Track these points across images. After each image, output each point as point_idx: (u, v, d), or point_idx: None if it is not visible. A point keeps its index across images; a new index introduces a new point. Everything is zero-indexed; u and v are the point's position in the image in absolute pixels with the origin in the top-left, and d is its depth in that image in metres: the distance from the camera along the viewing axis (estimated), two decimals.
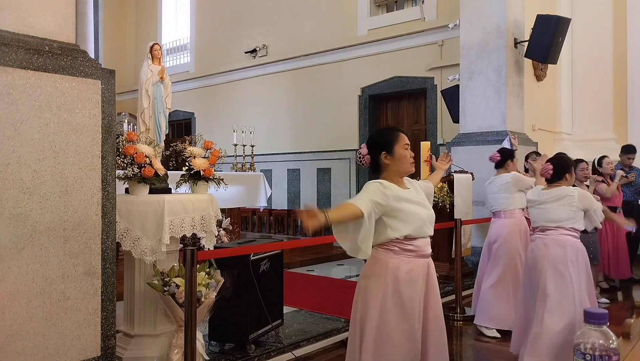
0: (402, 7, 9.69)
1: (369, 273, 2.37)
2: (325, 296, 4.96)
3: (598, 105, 8.03)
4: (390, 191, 2.24)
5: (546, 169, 3.27)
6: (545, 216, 3.24)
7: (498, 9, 6.63)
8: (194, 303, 2.66)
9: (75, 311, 2.49)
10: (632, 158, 6.19)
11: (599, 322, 1.11)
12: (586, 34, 8.02)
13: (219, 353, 3.30)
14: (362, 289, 2.41)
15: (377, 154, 2.32)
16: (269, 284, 3.52)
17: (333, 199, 10.39)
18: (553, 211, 3.20)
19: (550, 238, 3.19)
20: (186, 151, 3.35)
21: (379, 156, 2.32)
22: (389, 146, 2.31)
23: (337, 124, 10.26)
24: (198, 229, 3.18)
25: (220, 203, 3.48)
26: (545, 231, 3.24)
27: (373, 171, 2.39)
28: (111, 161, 2.64)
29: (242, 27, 11.76)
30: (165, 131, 3.52)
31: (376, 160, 2.34)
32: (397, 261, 2.27)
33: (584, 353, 1.10)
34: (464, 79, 6.95)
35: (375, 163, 2.35)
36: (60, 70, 2.43)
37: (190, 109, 13.06)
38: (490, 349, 3.91)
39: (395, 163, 2.31)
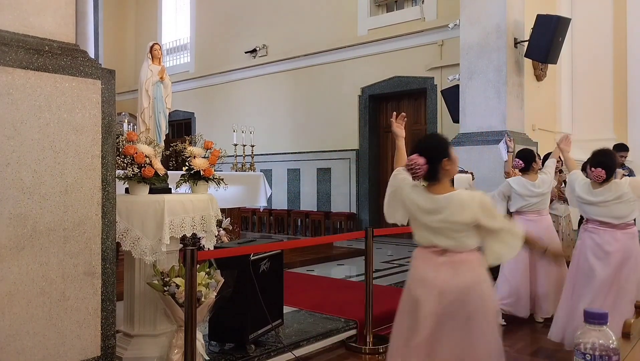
0: (402, 7, 9.70)
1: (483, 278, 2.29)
2: (325, 296, 4.96)
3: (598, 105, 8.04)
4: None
5: (599, 175, 3.30)
6: (608, 213, 3.36)
7: (498, 9, 6.63)
8: (194, 303, 2.66)
9: (75, 311, 2.49)
10: (625, 156, 6.21)
11: (599, 322, 1.11)
12: (586, 34, 8.02)
13: (219, 353, 3.30)
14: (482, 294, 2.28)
15: (439, 162, 2.25)
16: (269, 284, 3.52)
17: (333, 199, 10.39)
18: (616, 209, 3.32)
19: (620, 232, 3.35)
20: (186, 151, 3.35)
21: (440, 163, 2.25)
22: (447, 151, 2.29)
23: (337, 124, 10.26)
24: (198, 229, 3.18)
25: (220, 203, 3.47)
26: (612, 226, 3.37)
27: (429, 179, 2.29)
28: (111, 161, 2.63)
29: (242, 27, 11.76)
30: (165, 131, 3.52)
31: (436, 167, 2.25)
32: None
33: (584, 353, 1.10)
34: (464, 79, 6.95)
35: (434, 171, 2.26)
36: (60, 70, 2.43)
37: (190, 109, 13.07)
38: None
39: (453, 167, 2.30)
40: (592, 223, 3.44)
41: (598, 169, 3.27)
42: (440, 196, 2.26)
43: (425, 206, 2.29)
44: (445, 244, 2.26)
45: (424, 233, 2.34)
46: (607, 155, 3.35)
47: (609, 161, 3.31)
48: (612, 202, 3.30)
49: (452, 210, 2.22)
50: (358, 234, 4.41)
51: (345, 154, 10.17)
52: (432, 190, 2.30)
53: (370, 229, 3.89)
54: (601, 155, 3.37)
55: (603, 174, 3.25)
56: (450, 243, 2.25)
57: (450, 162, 2.28)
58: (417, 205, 2.31)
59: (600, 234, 3.39)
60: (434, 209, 2.26)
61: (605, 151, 3.41)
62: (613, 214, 3.33)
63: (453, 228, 2.23)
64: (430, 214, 2.27)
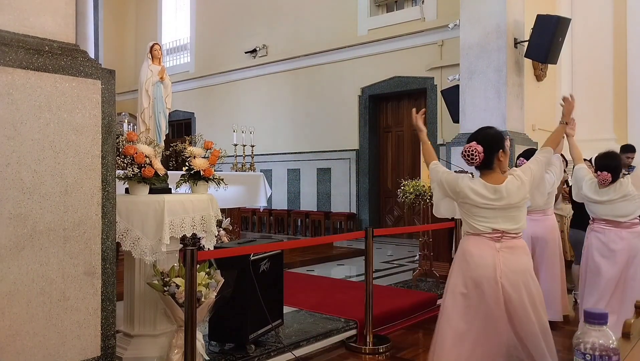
0: (402, 7, 9.70)
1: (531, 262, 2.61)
2: (325, 296, 4.96)
3: (598, 105, 8.03)
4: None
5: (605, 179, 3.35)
6: (613, 212, 3.41)
7: (498, 9, 6.62)
8: (194, 303, 2.66)
9: (75, 311, 2.49)
10: (632, 157, 6.20)
11: (599, 322, 1.11)
12: (586, 34, 8.02)
13: (219, 353, 3.30)
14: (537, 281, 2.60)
15: (495, 152, 2.45)
16: (269, 284, 3.52)
17: (333, 199, 10.39)
18: (621, 207, 3.38)
19: (626, 230, 3.39)
20: (186, 151, 3.35)
21: (496, 153, 2.45)
22: (503, 143, 2.49)
23: (337, 124, 10.26)
24: (198, 229, 3.18)
25: (220, 203, 3.48)
26: (617, 225, 3.42)
27: (482, 168, 2.49)
28: (111, 161, 2.63)
29: (242, 27, 11.76)
30: (165, 131, 3.52)
31: (491, 157, 2.45)
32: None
33: (584, 353, 1.10)
34: (464, 79, 6.95)
35: (489, 160, 2.45)
36: (60, 70, 2.43)
37: (190, 109, 13.07)
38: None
39: (506, 160, 2.49)
40: (598, 223, 3.49)
41: (604, 173, 3.34)
42: (501, 186, 2.45)
43: (488, 195, 2.46)
44: (506, 227, 2.46)
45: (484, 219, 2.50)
46: (612, 158, 3.41)
47: (614, 163, 3.38)
48: (618, 200, 3.36)
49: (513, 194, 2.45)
50: (358, 234, 4.41)
51: (345, 154, 10.17)
52: (489, 180, 2.47)
53: (370, 229, 3.89)
54: (606, 158, 3.44)
55: (609, 177, 3.32)
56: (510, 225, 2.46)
57: (504, 154, 2.47)
58: (481, 195, 2.46)
59: (606, 233, 3.45)
60: (498, 197, 2.44)
61: (610, 153, 3.48)
62: (619, 213, 3.39)
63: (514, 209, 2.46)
64: (496, 201, 2.45)
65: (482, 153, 2.42)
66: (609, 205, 3.41)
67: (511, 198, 2.44)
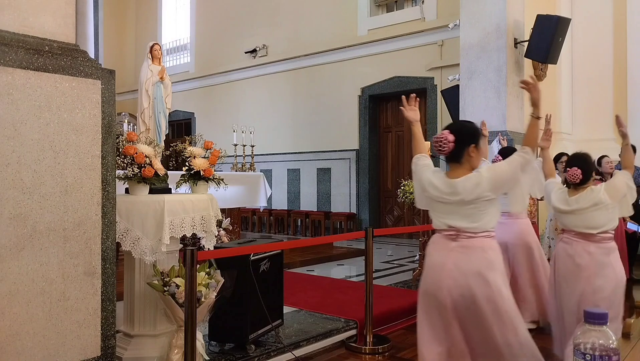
0: (402, 7, 9.70)
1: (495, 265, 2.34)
2: (325, 296, 4.96)
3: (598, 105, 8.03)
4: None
5: (574, 174, 3.08)
6: (582, 222, 3.10)
7: (498, 9, 6.63)
8: (194, 303, 2.66)
9: (75, 311, 2.49)
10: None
11: (599, 322, 1.11)
12: (586, 34, 8.02)
13: (219, 353, 3.30)
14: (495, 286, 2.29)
15: (466, 145, 2.31)
16: (269, 284, 3.52)
17: (333, 199, 10.39)
18: (591, 218, 3.07)
19: (594, 244, 3.07)
20: (186, 151, 3.35)
21: (467, 147, 2.31)
22: (477, 139, 2.34)
23: (337, 124, 10.26)
24: (198, 229, 3.18)
25: (220, 203, 3.48)
26: (586, 237, 3.09)
27: (450, 160, 2.36)
28: (111, 161, 2.64)
29: (242, 27, 11.77)
30: (165, 131, 3.52)
31: (461, 150, 2.31)
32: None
33: (584, 353, 1.10)
34: (464, 79, 6.95)
35: (458, 153, 2.32)
36: (60, 70, 2.43)
37: (190, 109, 13.07)
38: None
39: (477, 158, 2.34)
40: (568, 233, 3.19)
41: (574, 168, 3.08)
42: (459, 180, 2.30)
43: (443, 188, 2.33)
44: (460, 224, 2.30)
45: (440, 215, 2.38)
46: (584, 158, 3.17)
47: (585, 163, 3.12)
48: (588, 210, 3.06)
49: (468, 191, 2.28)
50: (358, 234, 4.41)
51: (345, 154, 10.17)
52: (452, 174, 2.34)
53: (370, 229, 3.89)
54: (577, 158, 3.21)
55: (579, 173, 3.05)
56: (465, 223, 2.30)
57: (476, 150, 2.32)
58: (437, 188, 2.35)
59: (573, 245, 3.13)
60: (453, 192, 2.31)
61: (582, 154, 3.24)
62: (589, 224, 3.07)
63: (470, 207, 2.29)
64: (450, 195, 2.31)
65: (452, 143, 2.29)
66: (579, 215, 3.10)
67: (465, 194, 2.28)
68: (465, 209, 2.29)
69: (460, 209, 2.30)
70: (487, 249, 2.30)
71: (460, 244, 2.29)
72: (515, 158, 2.33)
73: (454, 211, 2.31)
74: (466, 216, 2.29)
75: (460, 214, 2.30)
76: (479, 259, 2.27)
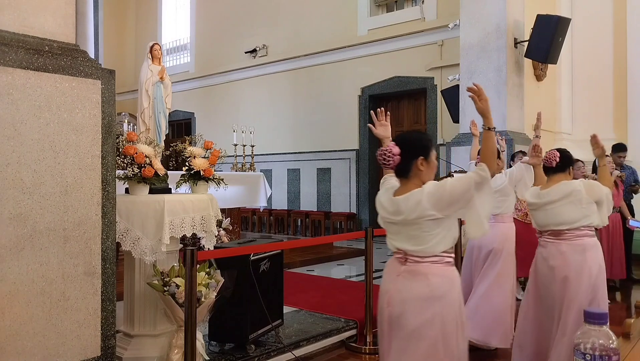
0: (402, 7, 9.70)
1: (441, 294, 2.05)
2: (325, 296, 4.96)
3: (598, 105, 8.03)
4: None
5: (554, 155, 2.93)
6: (554, 218, 2.89)
7: (498, 9, 6.63)
8: (194, 303, 2.66)
9: (75, 311, 2.49)
10: (623, 157, 6.19)
11: (599, 322, 1.11)
12: (586, 34, 8.02)
13: (219, 353, 3.30)
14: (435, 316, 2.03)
15: (413, 158, 2.07)
16: (269, 284, 3.52)
17: (333, 199, 10.39)
18: (562, 211, 2.86)
19: (566, 243, 2.87)
20: (186, 151, 3.35)
21: (415, 160, 2.07)
22: (427, 151, 2.10)
23: (337, 124, 10.26)
24: (198, 229, 3.18)
25: (220, 203, 3.48)
26: (558, 236, 2.90)
27: (398, 174, 2.14)
28: (111, 161, 2.64)
29: (242, 27, 11.77)
30: (165, 131, 3.52)
31: (408, 164, 2.08)
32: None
33: (584, 353, 1.10)
34: (464, 79, 6.95)
35: (405, 167, 2.09)
36: (60, 70, 2.43)
37: (190, 109, 13.07)
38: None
39: (428, 172, 2.11)
40: (544, 236, 3.00)
41: (553, 150, 2.96)
42: (401, 197, 2.07)
43: (388, 207, 2.13)
44: (405, 247, 2.09)
45: (389, 236, 2.17)
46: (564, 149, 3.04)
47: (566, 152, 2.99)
48: (559, 202, 2.86)
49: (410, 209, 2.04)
50: (358, 234, 4.41)
51: (345, 154, 10.17)
52: (400, 190, 2.12)
53: (370, 229, 3.89)
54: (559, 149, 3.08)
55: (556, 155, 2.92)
56: (410, 245, 2.07)
57: (426, 163, 2.09)
58: (384, 207, 2.16)
59: (548, 247, 2.93)
60: (396, 211, 2.09)
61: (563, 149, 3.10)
62: (559, 219, 2.87)
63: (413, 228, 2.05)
64: (393, 215, 2.10)
65: (398, 156, 2.05)
66: (550, 210, 2.90)
67: (407, 213, 2.03)
68: (409, 230, 2.06)
69: (405, 230, 2.08)
70: (431, 276, 2.04)
71: (407, 268, 2.08)
72: (469, 175, 2.08)
73: (399, 231, 2.10)
74: (411, 238, 2.07)
75: (405, 235, 2.08)
76: (422, 288, 2.03)
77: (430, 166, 2.11)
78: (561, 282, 2.84)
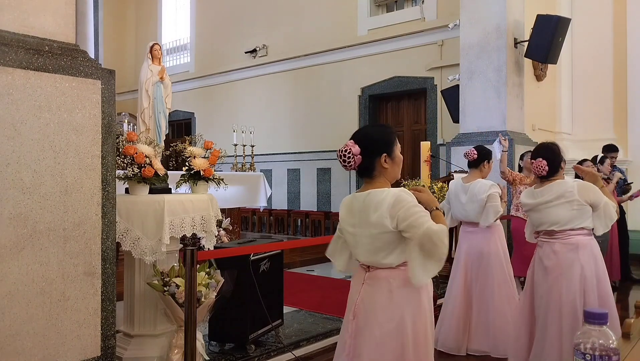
0: (402, 7, 9.69)
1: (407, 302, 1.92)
2: (325, 296, 4.96)
3: (598, 105, 8.04)
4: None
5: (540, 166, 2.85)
6: (547, 218, 2.87)
7: (498, 9, 6.63)
8: (194, 303, 2.66)
9: (75, 311, 2.49)
10: (615, 157, 6.20)
11: (599, 322, 1.11)
12: (586, 34, 8.02)
13: (219, 353, 3.30)
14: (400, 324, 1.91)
15: (376, 156, 1.92)
16: (269, 284, 3.52)
17: (333, 199, 10.39)
18: (555, 211, 2.83)
19: (559, 242, 2.84)
20: (186, 151, 3.35)
21: (377, 158, 1.92)
22: (390, 147, 1.95)
23: (337, 124, 10.26)
24: (198, 229, 3.18)
25: (220, 203, 3.48)
26: (552, 235, 2.88)
27: (362, 174, 1.97)
28: (111, 161, 2.64)
29: (242, 27, 11.76)
30: (165, 131, 3.52)
31: (371, 163, 1.92)
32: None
33: (584, 353, 1.10)
34: (464, 79, 6.95)
35: (368, 166, 1.93)
36: (60, 70, 2.43)
37: (190, 109, 13.06)
38: None
39: (394, 168, 1.96)
40: (540, 236, 2.97)
41: (538, 160, 2.86)
42: (362, 193, 1.93)
43: (348, 209, 1.99)
44: (363, 259, 1.96)
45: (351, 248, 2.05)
46: (549, 148, 2.95)
47: (552, 153, 2.90)
48: (552, 203, 2.83)
49: (366, 212, 1.89)
50: None
51: None
52: (360, 190, 1.99)
53: None
54: (543, 147, 2.98)
55: (544, 164, 2.84)
56: (367, 257, 1.94)
57: (391, 160, 1.94)
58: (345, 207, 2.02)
59: (543, 247, 2.91)
60: (353, 211, 1.95)
61: (549, 144, 3.02)
62: (553, 219, 2.84)
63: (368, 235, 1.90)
64: (349, 219, 1.97)
65: (359, 156, 1.89)
66: (544, 210, 2.87)
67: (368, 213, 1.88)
68: (368, 242, 1.92)
69: (363, 241, 1.94)
70: (392, 281, 1.91)
71: (370, 275, 1.96)
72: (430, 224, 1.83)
73: (358, 243, 1.97)
74: (370, 251, 1.93)
75: (365, 249, 1.94)
76: (384, 294, 1.92)
77: (395, 161, 1.96)
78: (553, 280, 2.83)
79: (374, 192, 1.90)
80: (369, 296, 1.95)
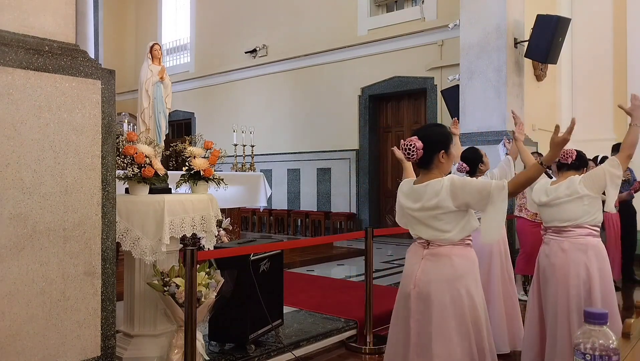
0: (402, 7, 9.70)
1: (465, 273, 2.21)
2: (325, 296, 4.96)
3: (598, 105, 8.04)
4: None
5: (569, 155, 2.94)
6: (559, 215, 2.91)
7: (498, 9, 6.63)
8: (194, 303, 2.66)
9: (75, 311, 2.49)
10: None
11: (599, 322, 1.11)
12: (586, 34, 8.02)
13: (219, 353, 3.30)
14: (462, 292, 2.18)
15: (436, 152, 2.22)
16: (269, 284, 3.52)
17: (333, 199, 10.39)
18: (566, 208, 2.87)
19: (568, 241, 2.87)
20: (186, 151, 3.35)
21: (437, 153, 2.22)
22: (447, 145, 2.26)
23: (337, 124, 10.26)
24: (198, 229, 3.18)
25: (220, 203, 3.48)
26: (561, 233, 2.90)
27: (420, 166, 2.27)
28: (111, 161, 2.64)
29: (242, 27, 11.77)
30: (165, 131, 3.52)
31: (431, 157, 2.22)
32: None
33: (584, 353, 1.10)
34: (464, 79, 6.95)
35: (428, 159, 2.22)
36: (60, 70, 2.43)
37: (190, 109, 13.07)
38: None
39: (448, 163, 2.28)
40: (548, 233, 3.02)
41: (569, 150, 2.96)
42: (421, 185, 2.24)
43: (409, 194, 2.29)
44: (426, 236, 2.25)
45: (412, 225, 2.33)
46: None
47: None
48: (563, 199, 2.88)
49: (428, 199, 2.20)
50: (358, 234, 4.41)
51: (345, 154, 10.16)
52: (418, 181, 2.28)
53: (370, 229, 3.89)
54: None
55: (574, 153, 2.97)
56: (430, 234, 2.23)
57: (447, 157, 2.26)
58: (406, 195, 2.32)
59: (550, 244, 2.95)
60: (415, 198, 2.26)
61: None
62: (564, 216, 2.89)
63: (431, 215, 2.20)
64: (413, 203, 2.26)
65: (421, 150, 2.19)
66: (555, 207, 2.92)
67: (427, 200, 2.19)
68: (428, 221, 2.22)
69: (424, 221, 2.23)
70: (455, 258, 2.20)
71: (430, 252, 2.23)
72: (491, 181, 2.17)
73: (419, 222, 2.26)
74: (430, 228, 2.22)
75: (425, 226, 2.24)
76: (448, 269, 2.19)
77: (450, 158, 2.28)
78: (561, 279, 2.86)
79: (432, 183, 2.20)
80: (431, 269, 2.21)
